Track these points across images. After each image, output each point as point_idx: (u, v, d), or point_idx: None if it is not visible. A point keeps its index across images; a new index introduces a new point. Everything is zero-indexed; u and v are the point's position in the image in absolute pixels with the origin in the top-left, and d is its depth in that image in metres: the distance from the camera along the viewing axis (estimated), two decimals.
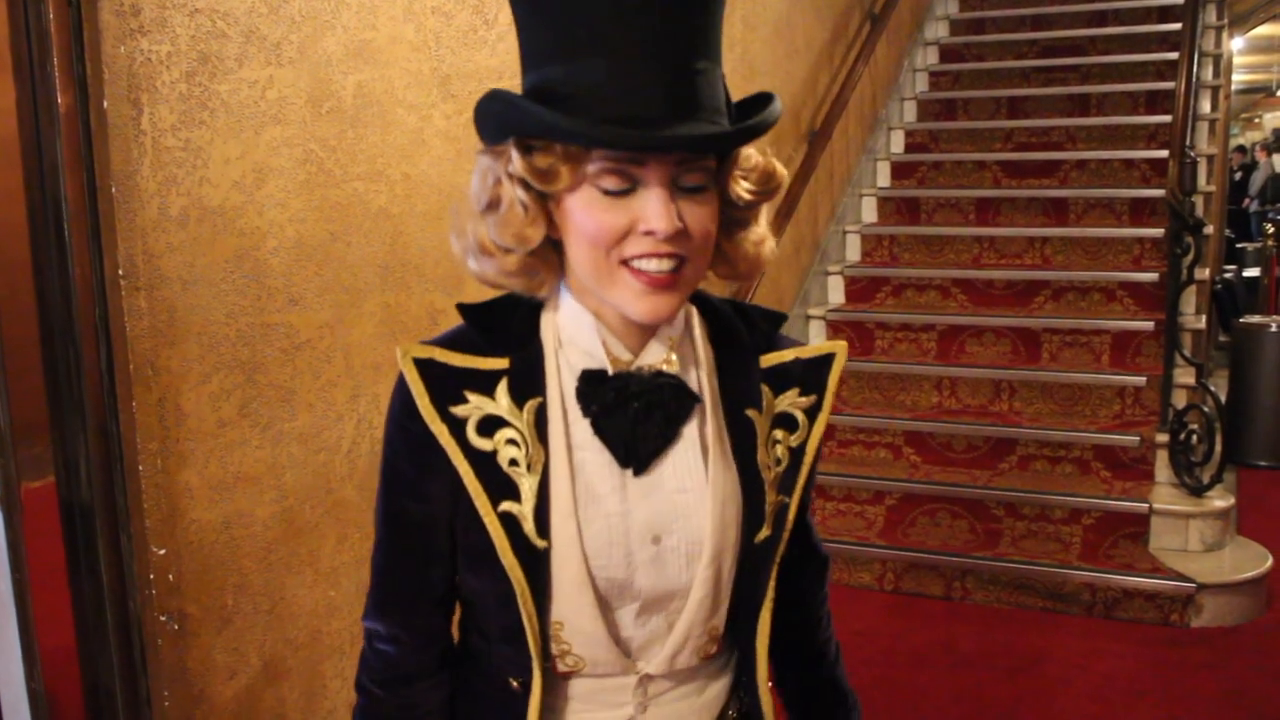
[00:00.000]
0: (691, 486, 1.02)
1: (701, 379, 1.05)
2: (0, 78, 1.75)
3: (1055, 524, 4.03)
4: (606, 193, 0.92)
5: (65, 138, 1.73)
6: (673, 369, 1.02)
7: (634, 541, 1.00)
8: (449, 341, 1.03)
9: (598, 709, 1.05)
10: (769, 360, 1.09)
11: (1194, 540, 3.89)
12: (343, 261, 2.25)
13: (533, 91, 0.94)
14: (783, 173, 1.02)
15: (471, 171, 1.01)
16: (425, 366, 1.01)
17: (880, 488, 4.28)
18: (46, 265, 1.77)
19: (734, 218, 1.01)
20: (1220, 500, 3.98)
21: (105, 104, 1.77)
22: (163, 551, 1.89)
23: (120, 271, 1.81)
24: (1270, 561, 3.80)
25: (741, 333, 1.09)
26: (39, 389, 1.80)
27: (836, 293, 5.28)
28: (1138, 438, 4.16)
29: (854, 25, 5.72)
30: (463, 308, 1.06)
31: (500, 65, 2.64)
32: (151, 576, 1.87)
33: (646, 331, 1.01)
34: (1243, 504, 4.34)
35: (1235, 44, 9.43)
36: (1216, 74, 5.98)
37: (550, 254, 1.00)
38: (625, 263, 0.93)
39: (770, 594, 1.06)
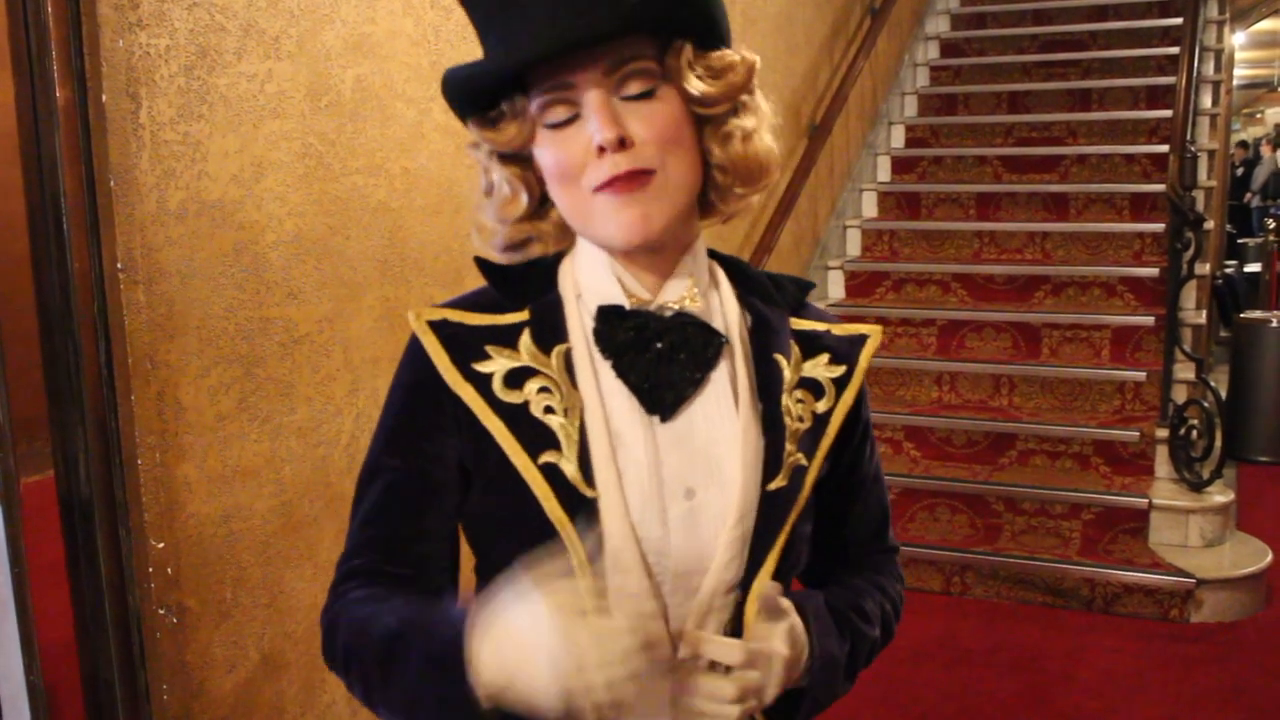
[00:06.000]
0: (723, 438, 0.97)
1: (730, 324, 1.02)
2: None
3: (1055, 519, 4.02)
4: (555, 127, 0.93)
5: (64, 132, 1.73)
6: (695, 306, 0.99)
7: (668, 495, 0.95)
8: (461, 303, 1.01)
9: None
10: (800, 324, 1.06)
11: (1194, 535, 3.89)
12: (342, 255, 2.25)
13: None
14: (749, 59, 1.00)
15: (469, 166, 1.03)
16: (440, 328, 0.99)
17: None
18: (45, 259, 1.77)
19: (710, 116, 0.98)
20: (1220, 495, 3.97)
21: (104, 98, 1.77)
22: (161, 545, 1.89)
23: (119, 265, 1.81)
24: (1270, 557, 3.80)
25: (771, 291, 1.06)
26: (38, 384, 1.80)
27: (836, 288, 5.28)
28: (1138, 433, 4.15)
29: (854, 20, 5.72)
30: (481, 261, 1.03)
31: None
32: (150, 570, 1.87)
33: (662, 269, 0.99)
34: (1243, 499, 4.34)
35: (1237, 39, 9.41)
36: (1218, 69, 5.96)
37: (554, 213, 1.00)
38: (596, 192, 0.93)
39: (776, 551, 0.99)
